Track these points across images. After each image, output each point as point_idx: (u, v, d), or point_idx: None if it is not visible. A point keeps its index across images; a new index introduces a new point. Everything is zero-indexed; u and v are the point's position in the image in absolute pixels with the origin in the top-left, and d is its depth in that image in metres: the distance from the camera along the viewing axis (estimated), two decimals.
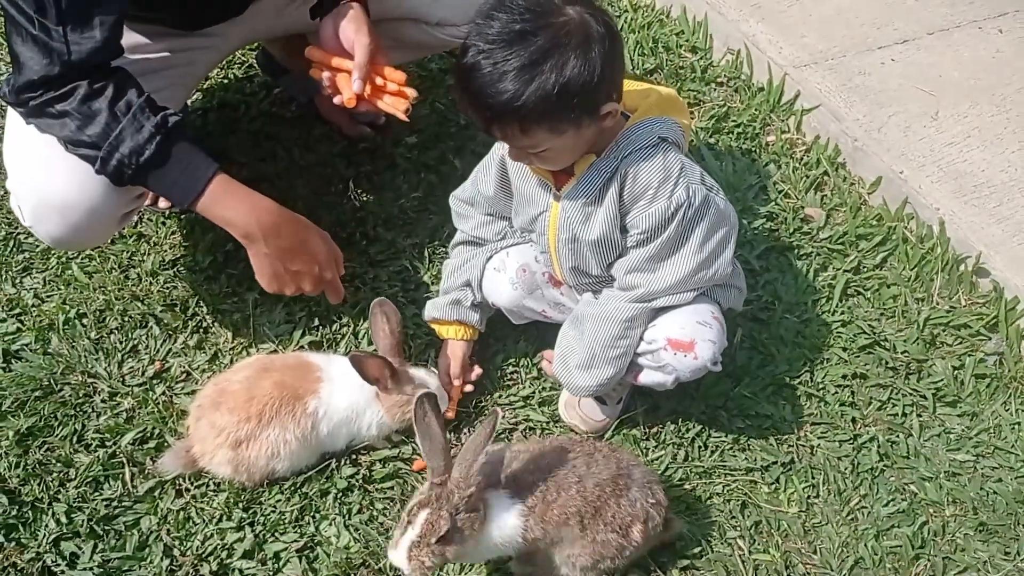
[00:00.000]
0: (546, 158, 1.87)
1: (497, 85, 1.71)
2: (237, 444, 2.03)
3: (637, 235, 1.94)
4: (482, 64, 1.72)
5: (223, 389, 2.07)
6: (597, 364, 2.05)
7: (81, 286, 2.48)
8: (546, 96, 1.70)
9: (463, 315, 2.27)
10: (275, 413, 2.03)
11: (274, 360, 2.17)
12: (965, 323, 2.56)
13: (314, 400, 2.07)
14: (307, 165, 2.79)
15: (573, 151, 1.88)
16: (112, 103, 1.90)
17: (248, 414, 2.02)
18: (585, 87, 1.72)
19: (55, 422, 2.23)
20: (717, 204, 1.96)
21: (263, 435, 2.03)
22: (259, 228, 2.03)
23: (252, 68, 3.03)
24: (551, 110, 1.73)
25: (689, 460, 2.28)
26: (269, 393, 2.03)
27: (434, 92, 3.03)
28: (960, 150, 2.88)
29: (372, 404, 2.12)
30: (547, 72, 1.69)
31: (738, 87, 3.17)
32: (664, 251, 1.94)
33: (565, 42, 1.70)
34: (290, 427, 2.05)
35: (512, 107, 1.72)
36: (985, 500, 2.26)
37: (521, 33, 1.70)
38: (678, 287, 1.98)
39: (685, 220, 1.91)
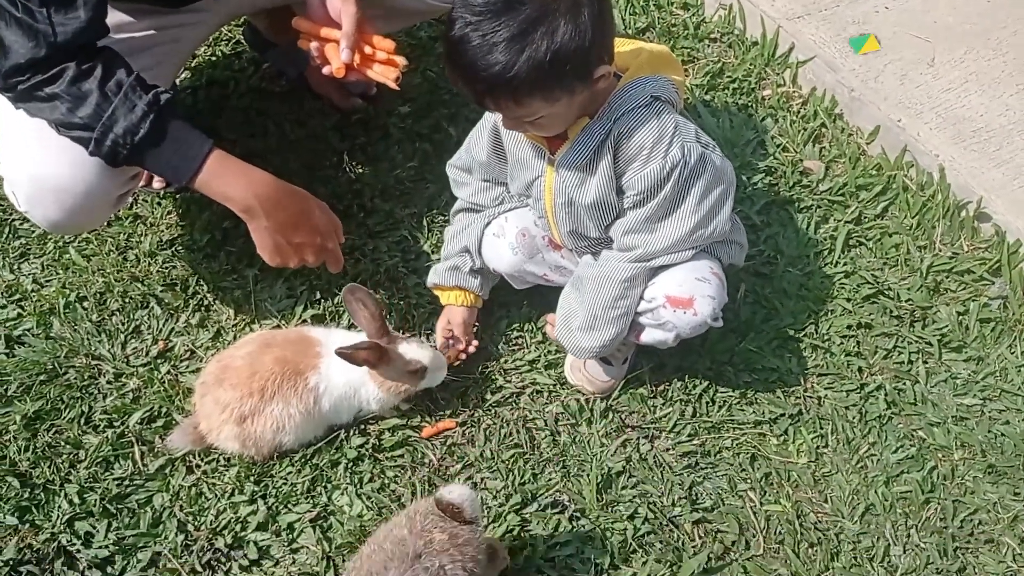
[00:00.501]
0: (540, 125, 1.85)
1: (487, 57, 1.68)
2: (242, 419, 2.03)
3: (633, 196, 1.93)
4: (471, 36, 1.68)
5: (226, 365, 2.07)
6: (599, 325, 2.05)
7: (80, 269, 2.47)
8: (538, 65, 1.67)
9: (462, 280, 2.26)
10: (277, 388, 2.03)
11: (276, 335, 2.17)
12: (968, 268, 2.55)
13: (315, 375, 2.06)
14: (299, 139, 2.77)
15: (567, 116, 1.86)
16: (102, 83, 1.88)
17: (251, 389, 2.02)
18: (577, 53, 1.69)
19: (62, 405, 2.23)
20: (713, 161, 1.94)
21: (267, 410, 2.03)
22: (259, 202, 2.02)
23: (239, 44, 3.00)
24: (544, 78, 1.70)
25: (697, 416, 2.28)
26: (270, 368, 2.03)
27: (425, 60, 3.00)
28: (958, 95, 2.86)
29: (367, 381, 2.11)
30: (538, 40, 1.66)
31: (731, 42, 3.14)
32: (661, 211, 1.93)
33: (554, 8, 1.66)
34: (293, 402, 2.04)
35: (504, 78, 1.69)
36: (993, 443, 2.26)
37: (508, 2, 1.66)
38: (677, 246, 1.98)
39: (681, 179, 1.89)
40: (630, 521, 2.08)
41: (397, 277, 2.48)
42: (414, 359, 2.09)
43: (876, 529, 2.12)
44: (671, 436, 2.23)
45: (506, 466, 2.16)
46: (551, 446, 2.21)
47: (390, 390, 2.12)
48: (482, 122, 2.17)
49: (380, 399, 2.13)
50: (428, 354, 2.12)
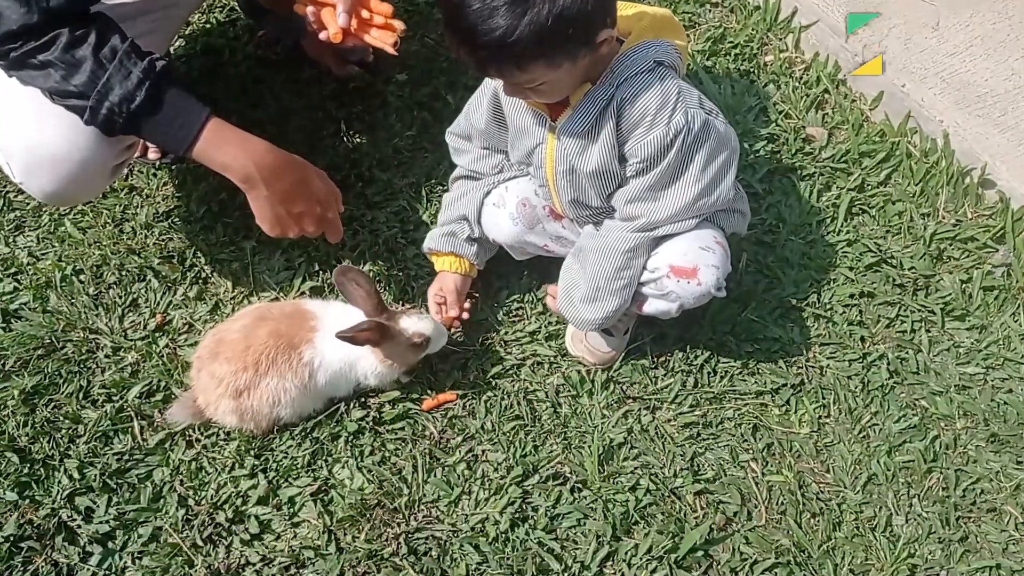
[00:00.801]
0: (542, 91, 1.82)
1: (488, 22, 1.64)
2: (238, 393, 2.02)
3: (636, 164, 1.90)
4: (470, 1, 1.64)
5: (221, 339, 2.06)
6: (602, 296, 2.03)
7: (76, 242, 2.45)
8: (540, 29, 1.63)
9: (458, 247, 2.24)
10: (271, 362, 2.01)
11: (272, 308, 2.15)
12: (972, 236, 2.53)
13: (309, 349, 2.04)
14: (297, 109, 2.73)
15: (570, 82, 1.83)
16: (96, 50, 1.84)
17: (245, 363, 2.00)
18: (579, 16, 1.65)
19: (60, 379, 2.22)
20: (717, 128, 1.91)
21: (262, 384, 2.02)
22: (258, 171, 1.98)
23: (234, 11, 2.95)
24: (546, 43, 1.66)
25: (699, 386, 2.27)
26: (264, 342, 2.01)
27: (423, 26, 2.95)
28: (963, 60, 2.82)
29: (366, 355, 2.08)
30: (539, 4, 1.62)
31: (733, 7, 3.09)
32: (664, 179, 1.91)
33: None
34: (288, 376, 2.03)
35: (506, 43, 1.65)
36: (996, 411, 2.25)
37: None
38: (680, 215, 1.95)
39: (684, 146, 1.86)
40: (632, 492, 2.08)
41: (396, 248, 2.46)
42: (416, 331, 2.07)
43: (878, 499, 2.12)
44: (672, 407, 2.22)
45: (507, 438, 2.16)
46: (552, 418, 2.20)
47: (392, 366, 2.10)
48: (481, 89, 2.13)
49: (379, 373, 2.11)
50: (429, 324, 2.10)
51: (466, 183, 2.27)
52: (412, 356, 2.12)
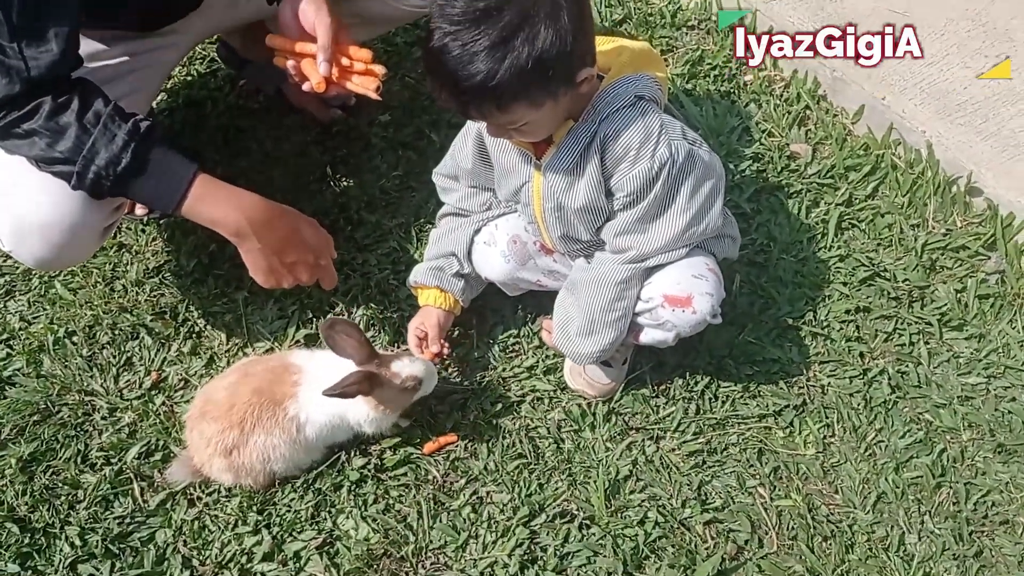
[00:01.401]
0: (525, 131, 1.82)
1: (468, 67, 1.64)
2: (228, 452, 2.00)
3: (623, 198, 1.90)
4: (450, 46, 1.65)
5: (208, 398, 2.04)
6: (597, 329, 2.02)
7: (67, 304, 2.43)
8: (521, 71, 1.64)
9: (444, 282, 2.23)
10: (256, 420, 1.98)
11: (257, 364, 2.11)
12: (963, 244, 2.54)
13: (293, 405, 2.01)
14: (282, 156, 2.73)
15: (552, 121, 1.83)
16: (80, 115, 1.84)
17: (231, 422, 1.98)
18: (559, 57, 1.66)
19: (57, 445, 2.19)
20: (701, 157, 1.91)
21: (250, 442, 1.99)
22: (249, 224, 1.97)
23: (214, 62, 2.95)
24: (527, 85, 1.67)
25: (701, 413, 2.25)
26: (248, 400, 1.99)
27: (403, 66, 2.97)
28: (940, 69, 2.83)
29: (356, 405, 2.04)
30: (519, 47, 1.62)
31: (709, 29, 3.11)
32: (652, 211, 1.91)
33: (533, 13, 1.63)
34: (275, 433, 2.00)
35: (487, 87, 1.65)
36: (1001, 421, 2.25)
37: (486, 10, 1.63)
38: (670, 245, 1.95)
39: (670, 178, 1.86)
40: (640, 526, 2.06)
41: (388, 290, 2.45)
42: (409, 375, 2.04)
43: (889, 517, 2.11)
44: (676, 436, 2.21)
45: (511, 478, 2.14)
46: (555, 454, 2.19)
47: (387, 411, 2.07)
48: (465, 129, 2.13)
49: (373, 420, 2.07)
50: (421, 366, 2.07)
51: (454, 220, 2.27)
52: (405, 400, 2.09)
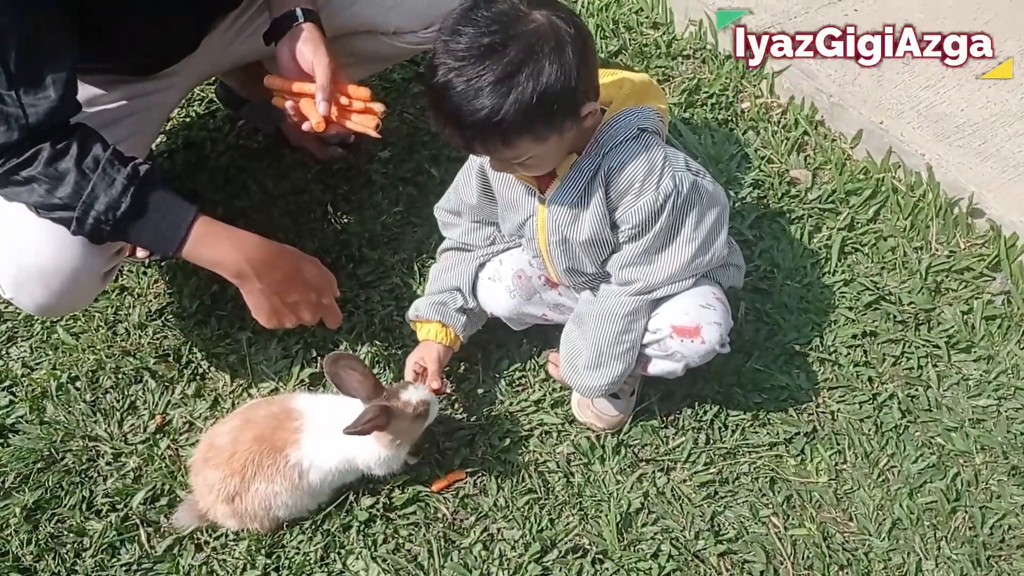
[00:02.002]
0: (530, 165, 1.82)
1: (473, 103, 1.64)
2: (230, 499, 1.97)
3: (628, 230, 1.90)
4: (455, 83, 1.65)
5: (211, 443, 2.02)
6: (605, 362, 2.01)
7: (69, 348, 2.42)
8: (525, 107, 1.64)
9: (447, 316, 2.20)
10: (257, 467, 1.96)
11: (259, 409, 2.07)
12: (967, 266, 2.53)
13: (295, 452, 1.98)
14: (282, 194, 2.72)
15: (556, 155, 1.83)
16: (79, 161, 1.84)
17: (232, 469, 1.96)
18: (564, 92, 1.66)
19: (62, 492, 2.17)
20: (706, 188, 1.92)
21: (252, 489, 1.97)
22: (250, 265, 1.97)
23: (213, 103, 2.96)
24: (532, 120, 1.67)
25: (711, 443, 2.24)
26: (248, 448, 1.96)
27: (401, 103, 2.98)
28: (937, 92, 2.85)
29: (366, 447, 2.01)
30: (523, 83, 1.62)
31: (705, 57, 3.13)
32: (658, 243, 1.90)
33: (538, 49, 1.63)
34: (276, 480, 1.97)
35: (492, 123, 1.65)
36: (1013, 443, 2.23)
37: (491, 46, 1.63)
38: (676, 276, 1.95)
39: (675, 209, 1.86)
40: (654, 560, 2.03)
41: (392, 327, 2.44)
42: (420, 400, 2.01)
43: (905, 544, 2.08)
44: (687, 467, 2.19)
45: (521, 513, 2.11)
46: (566, 488, 2.16)
47: (399, 445, 2.04)
48: (468, 164, 2.13)
49: (384, 460, 2.04)
50: (425, 392, 2.05)
51: (457, 254, 2.26)
52: (417, 430, 2.06)
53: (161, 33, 2.12)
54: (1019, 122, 2.75)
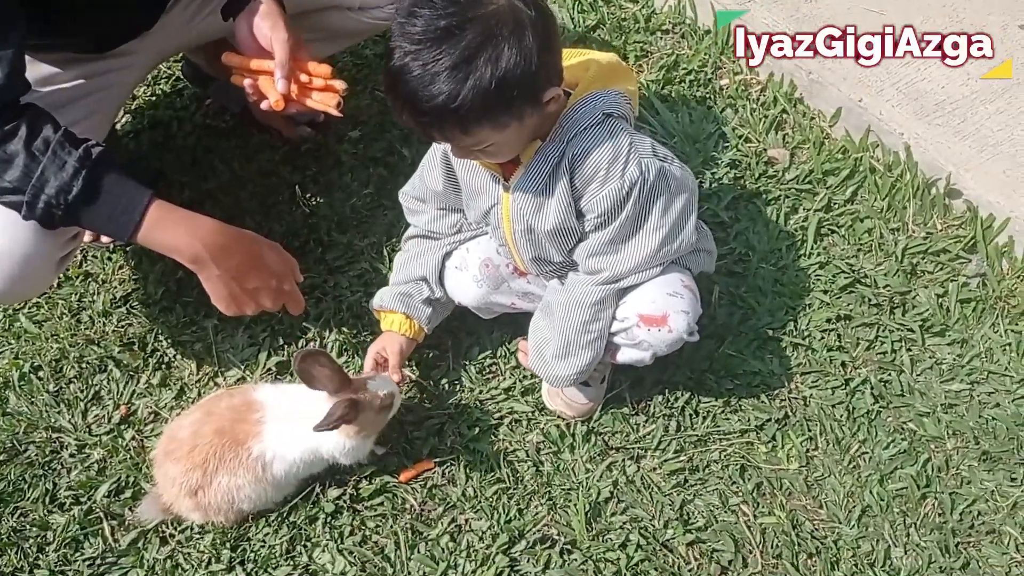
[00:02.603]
0: (491, 152, 1.77)
1: (430, 88, 1.59)
2: (193, 492, 1.95)
3: (594, 219, 1.86)
4: (411, 66, 1.60)
5: (172, 436, 1.99)
6: (573, 351, 1.98)
7: (32, 337, 2.38)
8: (484, 92, 1.59)
9: (412, 308, 2.17)
10: (220, 460, 1.94)
11: (221, 401, 2.04)
12: (943, 248, 2.50)
13: (257, 444, 1.95)
14: (250, 176, 2.67)
15: (518, 142, 1.78)
16: (28, 143, 1.78)
17: (193, 463, 1.93)
18: (524, 77, 1.61)
19: (24, 485, 2.14)
20: (673, 174, 1.87)
21: (214, 483, 1.95)
22: (207, 250, 1.91)
23: (179, 81, 2.89)
24: (491, 106, 1.62)
25: (682, 430, 2.22)
26: (210, 441, 1.94)
27: (373, 79, 2.91)
28: (916, 69, 2.80)
29: (331, 437, 1.97)
30: (481, 67, 1.57)
31: (684, 33, 3.06)
32: (624, 231, 1.86)
33: (496, 32, 1.58)
34: (239, 473, 1.95)
35: (449, 108, 1.60)
36: (985, 428, 2.21)
37: (447, 29, 1.57)
38: (644, 265, 1.91)
39: (642, 197, 1.82)
40: (622, 550, 2.02)
41: (361, 313, 2.40)
42: (387, 392, 2.00)
43: (874, 531, 2.08)
44: (657, 454, 2.17)
45: (490, 503, 2.10)
46: (535, 478, 2.14)
47: (366, 435, 2.02)
48: (433, 149, 2.09)
49: (350, 450, 2.02)
50: (390, 382, 2.03)
51: (423, 242, 2.22)
52: (382, 421, 2.04)
53: (114, 8, 2.05)
54: (1000, 99, 2.71)
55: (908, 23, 2.87)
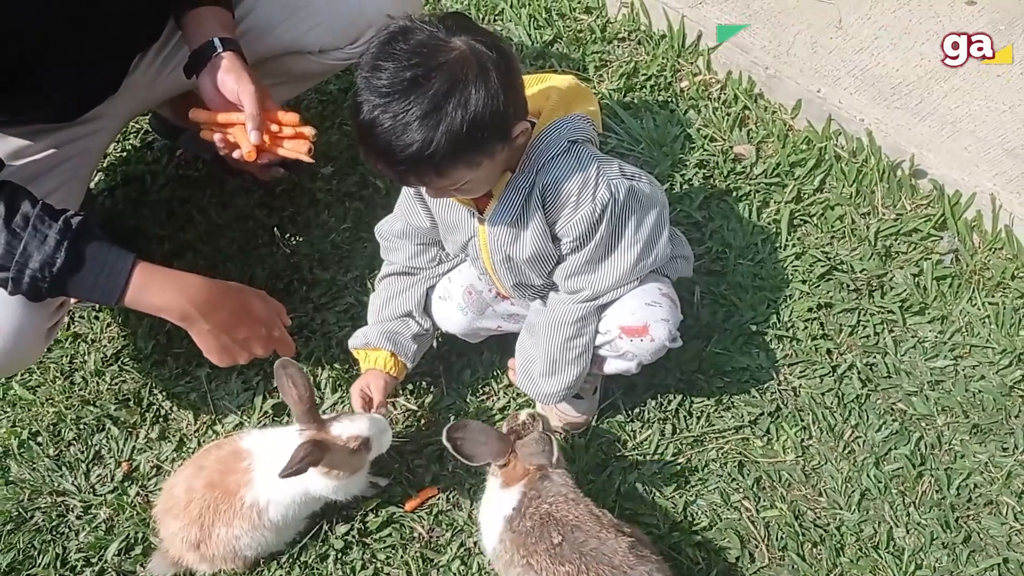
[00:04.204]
0: (466, 190, 1.80)
1: (403, 138, 1.61)
2: (195, 546, 1.97)
3: (569, 242, 1.90)
4: (381, 119, 1.61)
5: (169, 493, 2.02)
6: (559, 369, 2.02)
7: (27, 403, 2.39)
8: (456, 136, 1.61)
9: (398, 347, 2.16)
10: (214, 514, 1.95)
11: (210, 455, 2.05)
12: (915, 228, 2.55)
13: (249, 492, 1.96)
14: (227, 222, 2.69)
15: (491, 176, 1.81)
16: (7, 221, 1.81)
17: (190, 518, 1.95)
18: (493, 116, 1.63)
19: (34, 551, 2.16)
20: (643, 191, 1.91)
21: (213, 535, 1.96)
22: (195, 307, 1.95)
23: (148, 134, 2.91)
24: (464, 148, 1.64)
25: (677, 432, 2.25)
26: (202, 495, 1.96)
27: (340, 115, 2.94)
28: (871, 54, 2.85)
29: (314, 477, 1.95)
30: (451, 112, 1.60)
31: (640, 39, 3.11)
32: (600, 251, 1.90)
33: (462, 77, 1.60)
34: (235, 523, 1.96)
35: (424, 156, 1.62)
36: (973, 401, 2.26)
37: (414, 80, 1.60)
38: (621, 281, 1.95)
39: (614, 217, 1.86)
40: None
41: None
42: (352, 435, 1.94)
43: (875, 514, 2.12)
44: (656, 459, 2.21)
45: None
46: None
47: (345, 473, 1.98)
48: (407, 189, 2.10)
49: (339, 487, 2.01)
50: (365, 424, 1.97)
51: (402, 280, 2.22)
52: (358, 462, 2.00)
53: (79, 77, 2.07)
54: (954, 78, 2.76)
55: (859, 12, 2.94)
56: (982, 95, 2.71)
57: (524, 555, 1.81)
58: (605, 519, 1.84)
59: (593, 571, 1.74)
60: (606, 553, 1.76)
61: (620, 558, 1.76)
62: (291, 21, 2.30)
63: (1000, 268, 2.46)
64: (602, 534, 1.79)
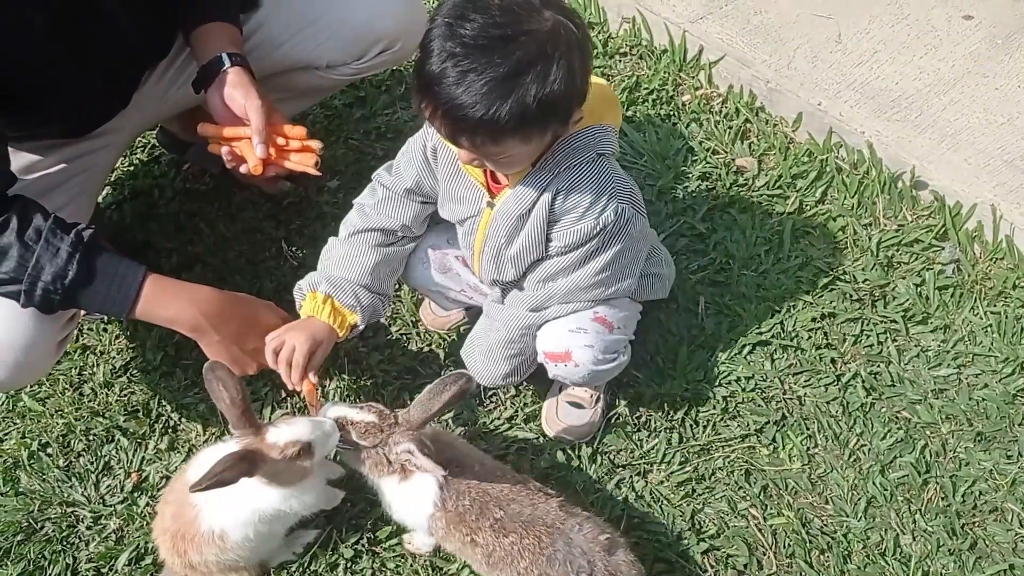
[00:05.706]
0: (505, 163, 1.75)
1: (473, 96, 1.54)
2: (191, 568, 1.97)
3: (558, 247, 1.91)
4: (453, 72, 1.54)
5: (160, 517, 2.01)
6: (494, 358, 2.09)
7: (37, 415, 2.40)
8: (524, 109, 1.55)
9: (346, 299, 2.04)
10: (187, 541, 1.91)
11: (176, 484, 2.00)
12: (916, 238, 2.58)
13: (204, 521, 1.89)
14: (235, 235, 2.71)
15: (532, 156, 1.78)
16: (20, 234, 1.83)
17: (170, 549, 1.95)
18: (565, 97, 1.59)
19: (45, 562, 2.16)
20: (638, 226, 1.92)
21: (193, 560, 1.94)
22: (205, 318, 1.97)
23: (156, 149, 2.94)
24: (528, 123, 1.60)
25: (684, 441, 2.27)
26: (171, 525, 1.94)
27: (345, 129, 2.97)
28: (870, 68, 2.89)
29: (259, 493, 1.85)
30: (528, 84, 1.53)
31: (642, 54, 3.15)
32: (574, 264, 1.92)
33: (549, 52, 1.54)
34: (204, 550, 1.91)
35: (486, 120, 1.56)
36: (976, 409, 2.28)
37: (503, 39, 1.52)
38: (570, 298, 1.98)
39: (604, 239, 1.88)
40: None
41: (359, 358, 2.44)
42: (288, 442, 1.76)
43: (882, 521, 2.13)
44: (663, 468, 2.22)
45: None
46: None
47: (292, 478, 1.85)
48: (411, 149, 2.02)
49: (285, 498, 1.88)
50: (304, 427, 1.80)
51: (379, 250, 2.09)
52: (301, 471, 1.84)
53: (89, 94, 2.10)
54: (952, 90, 2.80)
55: (858, 26, 2.98)
56: (980, 107, 2.76)
57: (467, 533, 1.87)
58: (532, 484, 1.95)
59: (532, 534, 1.84)
60: (539, 515, 1.86)
61: (553, 516, 1.86)
62: (299, 37, 2.34)
63: (1001, 278, 2.49)
64: (534, 499, 1.90)
